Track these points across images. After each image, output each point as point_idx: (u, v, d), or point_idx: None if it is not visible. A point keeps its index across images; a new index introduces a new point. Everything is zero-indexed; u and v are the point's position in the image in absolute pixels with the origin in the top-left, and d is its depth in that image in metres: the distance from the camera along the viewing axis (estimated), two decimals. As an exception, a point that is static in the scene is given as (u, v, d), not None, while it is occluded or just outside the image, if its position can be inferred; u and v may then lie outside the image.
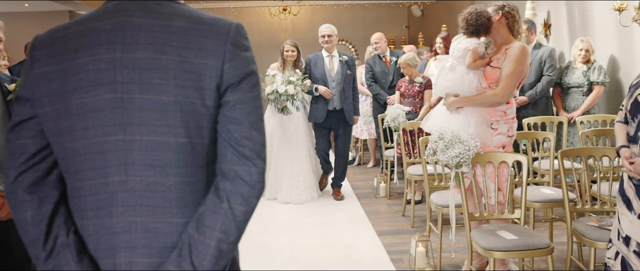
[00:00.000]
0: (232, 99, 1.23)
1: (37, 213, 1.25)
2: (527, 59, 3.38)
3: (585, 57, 5.10)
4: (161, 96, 1.20)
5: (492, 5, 3.47)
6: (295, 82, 5.43)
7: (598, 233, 2.96)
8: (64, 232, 1.25)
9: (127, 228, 1.22)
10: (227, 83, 1.23)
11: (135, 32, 1.22)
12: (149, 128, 1.20)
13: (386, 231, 4.68)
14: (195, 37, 1.23)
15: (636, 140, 2.52)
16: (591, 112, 5.12)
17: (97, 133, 1.21)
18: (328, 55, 5.71)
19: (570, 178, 4.67)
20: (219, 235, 1.20)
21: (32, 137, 1.26)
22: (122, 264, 1.23)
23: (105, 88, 1.20)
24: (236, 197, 1.21)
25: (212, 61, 1.22)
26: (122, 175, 1.22)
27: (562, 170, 3.24)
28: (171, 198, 1.23)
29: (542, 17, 6.74)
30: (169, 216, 1.23)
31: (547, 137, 4.11)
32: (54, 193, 1.27)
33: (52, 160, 1.28)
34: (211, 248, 1.20)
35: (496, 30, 3.45)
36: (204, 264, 1.19)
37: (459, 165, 3.15)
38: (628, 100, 2.61)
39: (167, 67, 1.20)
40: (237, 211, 1.21)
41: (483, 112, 3.41)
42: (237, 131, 1.23)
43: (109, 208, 1.23)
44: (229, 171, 1.22)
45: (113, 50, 1.21)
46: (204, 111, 1.22)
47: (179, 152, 1.22)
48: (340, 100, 5.63)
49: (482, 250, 2.95)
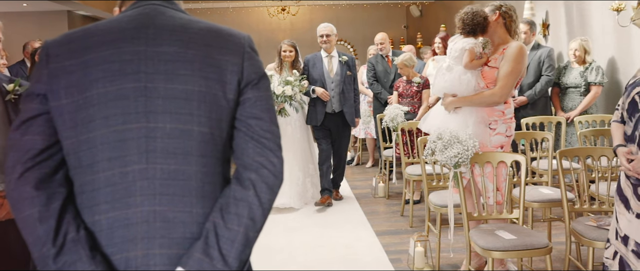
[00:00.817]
0: (253, 96, 1.31)
1: (46, 209, 1.21)
2: (525, 59, 3.39)
3: (580, 59, 5.12)
4: (186, 85, 1.25)
5: (490, 5, 3.47)
6: (293, 82, 5.21)
7: (596, 232, 2.97)
8: (74, 228, 1.22)
9: (146, 218, 1.22)
10: (247, 80, 1.31)
11: (159, 30, 1.28)
12: (173, 116, 1.24)
13: (385, 231, 4.69)
14: (216, 38, 1.31)
15: (634, 139, 2.53)
16: (589, 112, 5.12)
17: (118, 122, 1.22)
18: (327, 56, 5.51)
19: (569, 178, 4.68)
20: (247, 221, 1.23)
21: (41, 133, 1.25)
22: (138, 257, 1.21)
23: (130, 77, 1.23)
24: (262, 186, 1.26)
25: (234, 58, 1.30)
26: (142, 163, 1.23)
27: (560, 170, 3.24)
28: (191, 187, 1.25)
29: (540, 17, 6.75)
30: (188, 206, 1.24)
31: (545, 137, 4.12)
32: (62, 191, 1.25)
33: (59, 158, 1.27)
34: (240, 235, 1.22)
35: (493, 30, 3.46)
36: (231, 252, 1.21)
37: (457, 165, 3.15)
38: (625, 100, 2.62)
39: (193, 60, 1.26)
40: (264, 198, 1.26)
41: (481, 112, 3.41)
42: (259, 126, 1.29)
43: (126, 199, 1.22)
44: (252, 162, 1.27)
45: (137, 44, 1.26)
46: (225, 104, 1.28)
47: (201, 141, 1.26)
48: (339, 102, 5.44)
49: (481, 249, 2.96)
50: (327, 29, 5.51)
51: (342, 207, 5.44)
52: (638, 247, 2.48)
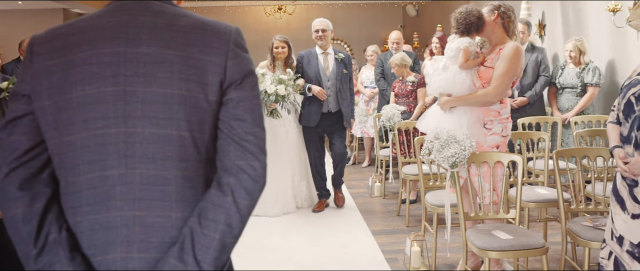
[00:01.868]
0: (236, 96, 1.25)
1: (29, 210, 1.23)
2: (521, 59, 3.37)
3: (575, 59, 5.13)
4: (165, 89, 1.21)
5: (488, 5, 3.46)
6: (286, 81, 4.86)
7: (592, 233, 2.98)
8: (55, 229, 1.23)
9: (125, 222, 1.22)
10: (230, 80, 1.25)
11: (139, 29, 1.24)
12: (152, 120, 1.21)
13: (381, 230, 4.69)
14: (199, 36, 1.26)
15: (630, 140, 2.53)
16: (586, 112, 5.14)
17: (97, 126, 1.21)
18: (322, 52, 5.17)
19: (565, 178, 4.69)
20: (224, 228, 1.20)
21: (26, 133, 1.26)
22: (117, 260, 1.22)
23: (109, 80, 1.21)
24: (240, 191, 1.22)
25: (216, 58, 1.25)
26: (121, 168, 1.22)
27: (556, 170, 3.25)
28: (170, 191, 1.23)
29: (536, 18, 6.76)
30: (168, 210, 1.23)
31: (541, 137, 4.12)
32: (46, 191, 1.26)
33: (45, 157, 1.27)
34: (215, 241, 1.20)
35: (491, 30, 3.45)
36: (206, 258, 1.19)
37: (454, 164, 3.16)
38: (621, 101, 2.62)
39: (172, 61, 1.22)
40: (242, 205, 1.22)
41: (476, 111, 3.41)
42: (241, 127, 1.25)
43: (106, 203, 1.22)
44: (232, 166, 1.23)
45: (117, 45, 1.22)
46: (206, 106, 1.24)
47: (181, 145, 1.23)
48: (335, 102, 5.12)
49: (477, 249, 2.96)
50: (322, 24, 5.19)
51: (338, 208, 5.42)
52: (633, 248, 2.49)
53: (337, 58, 5.16)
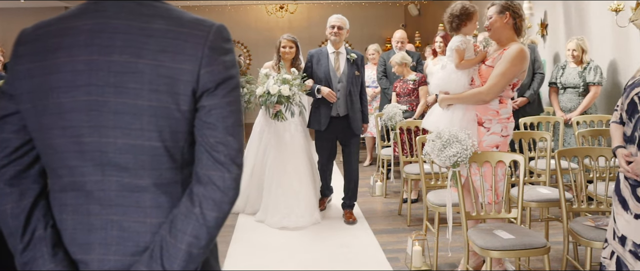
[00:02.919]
0: (208, 104, 1.23)
1: (17, 205, 1.27)
2: (524, 62, 3.32)
3: (577, 58, 5.13)
4: (135, 100, 1.20)
5: (496, 4, 3.41)
6: (290, 81, 4.55)
7: (594, 232, 2.97)
8: (42, 225, 1.27)
9: (104, 225, 1.25)
10: (203, 89, 1.22)
11: (113, 34, 1.22)
12: (124, 131, 1.21)
13: (382, 230, 4.69)
14: (173, 41, 1.22)
15: (633, 140, 2.53)
16: (588, 112, 5.14)
17: (74, 133, 1.22)
18: (334, 52, 4.84)
19: (567, 178, 4.69)
20: (190, 239, 1.21)
21: (15, 131, 1.28)
22: (94, 260, 1.25)
23: (82, 90, 1.21)
24: (208, 202, 1.22)
25: (189, 66, 1.21)
26: (98, 175, 1.24)
27: (558, 169, 3.25)
28: (145, 198, 1.24)
29: (539, 17, 6.76)
30: (143, 216, 1.25)
31: (543, 136, 4.12)
32: (35, 187, 1.30)
33: (34, 154, 1.30)
34: (182, 252, 1.21)
35: (502, 31, 3.40)
36: (174, 267, 1.21)
37: (456, 164, 3.15)
38: (624, 100, 2.61)
39: (143, 71, 1.19)
40: (209, 216, 1.22)
41: (471, 111, 3.41)
42: (212, 136, 1.23)
43: (87, 206, 1.25)
44: (203, 176, 1.23)
45: (90, 52, 1.21)
46: (179, 115, 1.22)
47: (154, 155, 1.23)
48: (345, 105, 4.80)
49: (479, 249, 2.96)
50: (339, 21, 4.84)
51: (339, 206, 5.42)
52: (636, 247, 2.49)
53: (349, 58, 4.84)
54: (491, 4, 3.46)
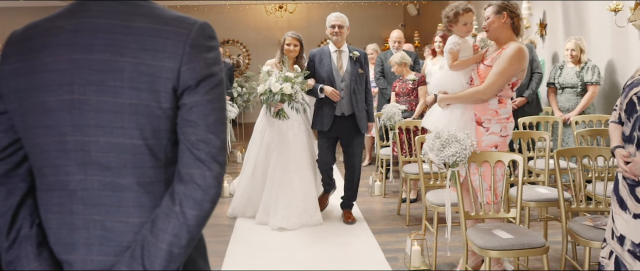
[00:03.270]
0: (189, 102, 1.22)
1: (4, 203, 1.28)
2: (522, 61, 3.32)
3: (575, 58, 5.15)
4: (116, 98, 1.20)
5: (493, 5, 3.41)
6: (293, 79, 4.45)
7: (593, 232, 2.98)
8: (27, 224, 1.28)
9: (87, 225, 1.25)
10: (183, 86, 1.22)
11: (95, 33, 1.22)
12: (105, 130, 1.21)
13: (381, 229, 4.69)
14: (154, 38, 1.22)
15: (632, 140, 2.53)
16: (586, 112, 5.15)
17: (57, 132, 1.23)
18: (336, 50, 4.77)
19: (566, 177, 4.69)
20: (171, 238, 1.20)
21: (3, 130, 1.29)
22: (77, 260, 1.25)
23: (64, 89, 1.21)
24: (188, 201, 1.21)
25: (169, 63, 1.21)
26: (81, 174, 1.24)
27: (557, 169, 3.25)
28: (128, 198, 1.24)
29: (538, 17, 6.77)
30: (125, 215, 1.24)
31: (542, 136, 4.12)
32: (22, 186, 1.31)
33: (23, 153, 1.31)
34: (162, 251, 1.20)
35: (500, 31, 3.39)
36: (154, 266, 1.20)
37: (455, 164, 3.16)
38: (623, 100, 2.62)
39: (123, 70, 1.19)
40: (189, 215, 1.21)
41: (469, 110, 3.41)
42: (193, 134, 1.22)
43: (70, 205, 1.25)
44: (184, 174, 1.23)
45: (73, 52, 1.22)
46: (160, 113, 1.22)
47: (135, 154, 1.22)
48: (349, 104, 4.72)
49: (478, 249, 2.96)
50: (339, 20, 4.78)
51: (338, 205, 5.43)
52: (634, 247, 2.49)
53: (352, 56, 4.77)
54: (488, 4, 3.46)
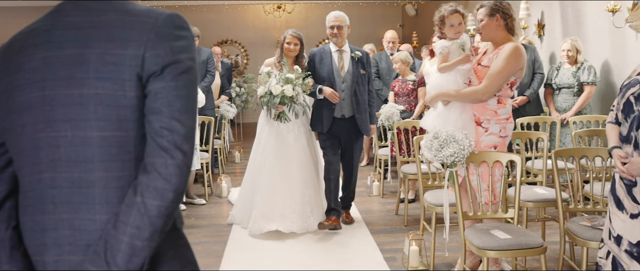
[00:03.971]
0: (154, 88, 1.21)
1: None
2: (519, 60, 3.32)
3: (571, 58, 5.17)
4: (82, 90, 1.20)
5: (485, 6, 3.41)
6: (294, 80, 4.30)
7: (590, 232, 2.99)
8: (3, 227, 1.29)
9: (55, 225, 1.24)
10: (148, 73, 1.20)
11: (66, 30, 1.24)
12: (73, 123, 1.21)
13: (379, 230, 4.69)
14: (121, 29, 1.22)
15: (629, 140, 2.54)
16: (583, 112, 5.17)
17: (31, 130, 1.24)
18: (337, 50, 4.62)
19: (563, 178, 4.70)
20: (132, 230, 1.16)
21: None
22: (50, 262, 1.25)
23: (36, 86, 1.22)
24: (150, 191, 1.17)
25: (133, 51, 1.20)
26: (51, 171, 1.23)
27: (555, 170, 3.26)
28: (95, 194, 1.22)
29: (536, 18, 6.78)
30: (92, 213, 1.22)
31: (540, 137, 4.13)
32: (2, 189, 1.31)
33: (7, 157, 1.31)
34: (123, 244, 1.16)
35: (494, 32, 3.40)
36: (117, 261, 1.16)
37: (453, 164, 3.16)
38: (620, 101, 2.63)
39: (89, 61, 1.19)
40: (150, 205, 1.17)
41: (468, 111, 3.41)
42: (157, 121, 1.20)
43: (41, 205, 1.25)
44: (147, 163, 1.19)
45: (45, 50, 1.23)
46: (126, 102, 1.20)
47: (103, 146, 1.21)
48: (350, 106, 4.57)
49: (476, 249, 2.97)
50: (338, 20, 4.60)
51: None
52: (631, 247, 2.50)
53: (354, 56, 4.60)
54: (480, 5, 3.45)
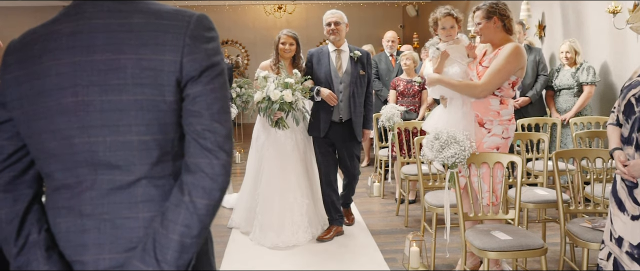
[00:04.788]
0: (193, 92, 1.24)
1: (11, 210, 1.29)
2: (519, 59, 3.32)
3: (570, 60, 5.18)
4: (121, 96, 1.21)
5: (481, 10, 3.40)
6: (293, 85, 4.06)
7: (591, 234, 2.98)
8: (35, 230, 1.29)
9: (97, 225, 1.26)
10: (187, 77, 1.23)
11: (93, 34, 1.23)
12: (111, 129, 1.22)
13: (380, 230, 4.69)
14: (154, 33, 1.23)
15: (630, 142, 2.54)
16: (584, 113, 5.17)
17: (64, 136, 1.24)
18: (335, 50, 4.37)
19: (564, 179, 4.70)
20: (181, 229, 1.21)
21: (9, 138, 1.31)
22: (90, 262, 1.26)
23: (68, 91, 1.22)
24: (198, 190, 1.22)
25: (171, 56, 1.22)
26: (90, 175, 1.25)
27: (556, 171, 3.26)
28: (137, 193, 1.25)
29: (536, 18, 6.77)
30: (135, 211, 1.25)
31: (541, 138, 4.13)
32: (28, 192, 1.32)
33: (28, 160, 1.32)
34: (174, 242, 1.21)
35: (493, 34, 3.40)
36: (167, 258, 1.20)
37: (454, 165, 3.16)
38: (621, 102, 2.62)
39: (125, 67, 1.20)
40: (199, 204, 1.22)
41: (470, 113, 3.41)
42: (198, 124, 1.23)
43: (79, 207, 1.26)
44: (191, 164, 1.24)
45: (73, 54, 1.23)
46: (165, 107, 1.23)
47: (143, 150, 1.23)
48: (348, 109, 4.31)
49: (477, 250, 2.97)
50: (335, 16, 4.38)
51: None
52: (632, 249, 2.50)
53: (353, 56, 4.35)
54: (476, 8, 3.45)
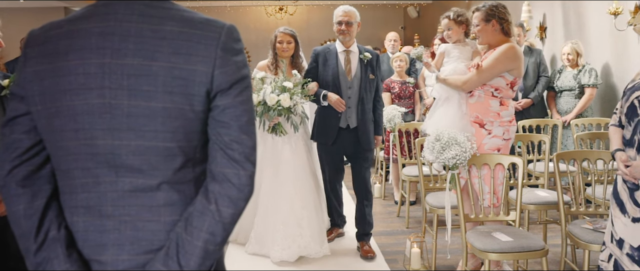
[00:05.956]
0: (222, 104, 1.25)
1: (30, 206, 1.28)
2: (510, 59, 3.32)
3: (572, 62, 5.18)
4: (149, 102, 1.21)
5: (480, 12, 3.40)
6: (291, 89, 3.76)
7: (592, 235, 2.98)
8: (55, 226, 1.28)
9: (117, 226, 1.26)
10: (217, 89, 1.24)
11: (125, 37, 1.23)
12: (137, 133, 1.22)
13: (381, 231, 4.69)
14: (186, 42, 1.23)
15: (632, 144, 2.54)
16: (585, 115, 5.17)
17: (87, 136, 1.23)
18: (344, 50, 4.02)
19: (565, 180, 4.70)
20: (206, 236, 1.23)
21: (26, 132, 1.29)
22: (108, 262, 1.26)
23: (94, 93, 1.22)
24: (224, 199, 1.24)
25: (203, 67, 1.23)
26: (112, 176, 1.25)
27: (557, 172, 3.25)
28: (159, 197, 1.26)
29: (537, 20, 6.77)
30: (156, 215, 1.26)
31: (542, 139, 4.13)
32: (47, 188, 1.31)
33: (45, 154, 1.31)
34: (198, 249, 1.23)
35: (490, 37, 3.41)
36: (190, 264, 1.22)
37: (455, 166, 3.16)
38: (624, 104, 2.62)
39: (157, 74, 1.21)
40: (225, 213, 1.24)
41: (467, 114, 3.42)
42: (226, 135, 1.25)
43: (99, 207, 1.26)
44: (218, 173, 1.25)
45: (102, 55, 1.22)
46: (193, 116, 1.24)
47: (168, 156, 1.24)
48: (356, 115, 3.97)
49: (478, 251, 2.97)
50: (347, 15, 3.98)
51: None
52: (633, 251, 2.50)
53: (362, 58, 4.00)
54: (475, 9, 3.45)
